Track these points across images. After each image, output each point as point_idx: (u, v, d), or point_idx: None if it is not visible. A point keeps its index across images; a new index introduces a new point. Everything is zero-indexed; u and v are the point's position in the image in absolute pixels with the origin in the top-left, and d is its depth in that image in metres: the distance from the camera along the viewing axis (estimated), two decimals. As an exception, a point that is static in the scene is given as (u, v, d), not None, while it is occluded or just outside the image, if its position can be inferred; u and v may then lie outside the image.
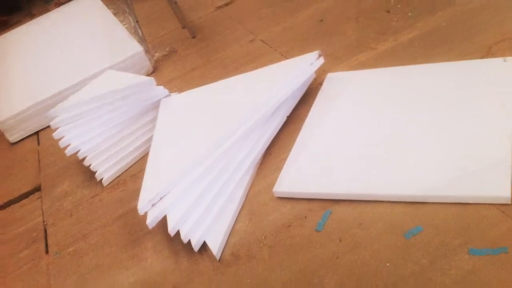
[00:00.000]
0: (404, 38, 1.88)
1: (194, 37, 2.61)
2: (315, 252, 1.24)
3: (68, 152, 1.80)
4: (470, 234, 1.12)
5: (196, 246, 1.37)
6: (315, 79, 1.85)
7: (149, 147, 1.72)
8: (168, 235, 1.39)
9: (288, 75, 1.71)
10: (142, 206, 1.41)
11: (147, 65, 2.45)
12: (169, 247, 1.44)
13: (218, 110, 1.73)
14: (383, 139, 1.44)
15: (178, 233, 1.38)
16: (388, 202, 1.27)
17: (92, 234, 1.63)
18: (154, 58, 2.53)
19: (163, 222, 1.40)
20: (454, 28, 1.82)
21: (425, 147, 1.35)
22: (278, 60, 1.98)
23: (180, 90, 2.03)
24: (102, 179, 1.82)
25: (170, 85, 2.21)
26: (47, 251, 1.66)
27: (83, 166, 1.84)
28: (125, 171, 1.85)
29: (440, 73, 1.60)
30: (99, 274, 1.47)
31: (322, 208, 1.34)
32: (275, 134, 1.67)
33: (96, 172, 1.81)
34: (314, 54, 1.80)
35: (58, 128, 1.83)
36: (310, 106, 1.71)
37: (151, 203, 1.41)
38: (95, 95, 1.85)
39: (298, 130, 1.63)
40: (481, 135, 1.31)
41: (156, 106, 1.91)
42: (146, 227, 1.39)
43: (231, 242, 1.37)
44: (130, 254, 1.49)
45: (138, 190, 1.49)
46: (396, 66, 1.73)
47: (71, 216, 1.75)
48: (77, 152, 1.80)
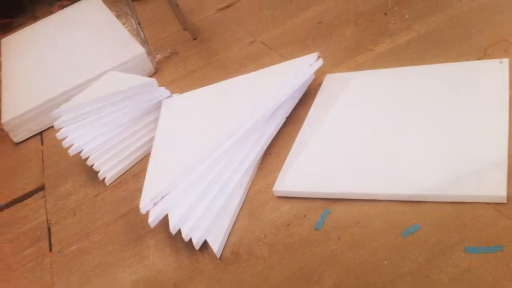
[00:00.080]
0: (401, 40, 1.88)
1: (195, 39, 2.61)
2: (314, 250, 1.24)
3: (71, 152, 1.80)
4: (466, 233, 1.12)
5: (197, 244, 1.37)
6: (314, 80, 1.85)
7: (151, 147, 1.72)
8: (169, 234, 1.39)
9: (287, 76, 1.71)
10: (144, 205, 1.41)
11: (149, 66, 2.45)
12: (170, 246, 1.44)
13: (219, 110, 1.73)
14: (381, 139, 1.44)
15: (179, 231, 1.38)
16: (386, 201, 1.27)
17: (95, 233, 1.63)
18: (156, 59, 2.53)
19: (165, 221, 1.40)
20: (451, 30, 1.82)
21: (422, 147, 1.36)
22: (278, 61, 1.98)
23: (181, 91, 2.03)
24: (104, 179, 1.82)
25: (172, 86, 2.21)
26: (51, 249, 1.66)
27: (86, 165, 1.84)
28: (127, 171, 1.85)
29: (437, 74, 1.60)
30: (102, 272, 1.47)
31: (321, 207, 1.34)
32: (275, 134, 1.67)
33: (99, 171, 1.81)
34: (313, 56, 1.80)
35: (61, 128, 1.83)
36: (309, 106, 1.71)
37: (153, 202, 1.41)
38: (98, 96, 1.85)
39: (297, 130, 1.63)
40: (477, 135, 1.32)
41: (157, 107, 1.91)
42: (148, 226, 1.40)
43: (232, 241, 1.37)
44: (132, 252, 1.49)
45: (140, 190, 1.49)
46: (393, 67, 1.73)
47: (74, 215, 1.76)
48: (80, 152, 1.80)
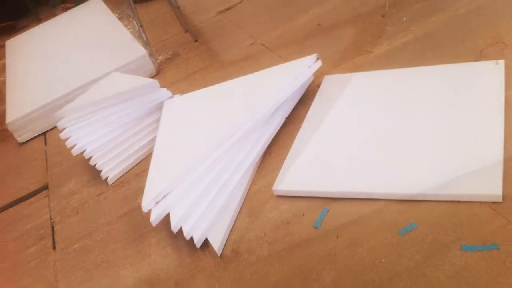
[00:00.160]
0: (399, 41, 1.88)
1: (196, 40, 2.61)
2: (313, 248, 1.24)
3: (74, 152, 1.80)
4: (463, 231, 1.12)
5: (198, 242, 1.37)
6: (313, 81, 1.85)
7: (152, 147, 1.72)
8: (171, 232, 1.39)
9: (287, 77, 1.71)
10: (146, 204, 1.41)
11: (151, 68, 2.45)
12: (172, 244, 1.44)
13: (220, 111, 1.73)
14: (379, 139, 1.44)
15: (180, 230, 1.38)
16: (383, 200, 1.27)
17: (97, 231, 1.63)
18: (158, 61, 2.53)
19: (166, 220, 1.40)
20: (447, 32, 1.82)
21: (419, 147, 1.36)
22: (277, 62, 1.98)
23: (182, 92, 2.03)
24: (107, 178, 1.82)
25: (173, 87, 2.21)
26: (54, 248, 1.66)
27: (89, 165, 1.84)
28: (129, 170, 1.85)
29: (433, 75, 1.60)
30: (105, 269, 1.47)
31: (320, 206, 1.34)
32: (275, 134, 1.66)
33: (101, 171, 1.81)
34: (312, 57, 1.80)
35: (65, 128, 1.83)
36: (309, 107, 1.71)
37: (155, 201, 1.41)
38: (101, 97, 1.85)
39: (296, 130, 1.63)
40: (473, 136, 1.31)
41: (159, 107, 1.91)
42: (150, 225, 1.40)
43: (232, 239, 1.37)
44: (135, 250, 1.49)
45: (142, 189, 1.49)
46: (391, 68, 1.73)
47: (78, 213, 1.76)
48: (83, 151, 1.80)
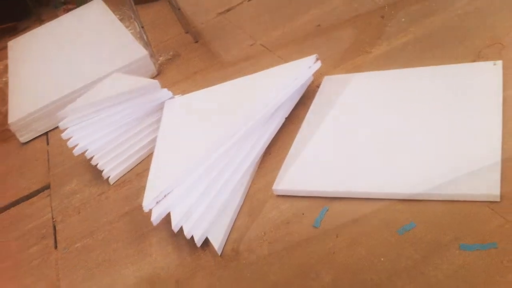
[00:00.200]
0: (398, 42, 1.88)
1: (196, 41, 2.61)
2: (313, 247, 1.24)
3: (76, 151, 1.80)
4: (461, 230, 1.12)
5: (198, 242, 1.37)
6: (313, 82, 1.85)
7: (153, 147, 1.72)
8: (172, 232, 1.39)
9: (287, 78, 1.71)
10: (147, 203, 1.41)
11: (152, 68, 2.45)
12: (173, 243, 1.44)
13: (220, 111, 1.73)
14: (378, 139, 1.44)
15: (181, 229, 1.38)
16: (382, 199, 1.27)
17: (99, 231, 1.63)
18: (159, 62, 2.53)
19: (167, 219, 1.40)
20: (446, 33, 1.82)
21: (418, 147, 1.35)
22: (277, 63, 1.98)
23: (183, 92, 2.03)
24: (108, 178, 1.82)
25: (174, 87, 2.21)
26: (56, 247, 1.66)
27: (91, 165, 1.84)
28: (130, 170, 1.85)
29: (432, 76, 1.60)
30: (106, 268, 1.48)
31: (320, 205, 1.34)
32: (275, 134, 1.66)
33: (103, 171, 1.81)
34: (312, 58, 1.80)
35: (66, 128, 1.83)
36: (308, 107, 1.71)
37: (156, 201, 1.41)
38: (102, 97, 1.85)
39: (296, 131, 1.63)
40: (472, 136, 1.31)
41: (160, 107, 1.91)
42: (151, 224, 1.40)
43: (232, 238, 1.37)
44: (136, 249, 1.49)
45: (143, 188, 1.49)
46: (390, 69, 1.73)
47: (79, 213, 1.76)
48: (84, 151, 1.80)
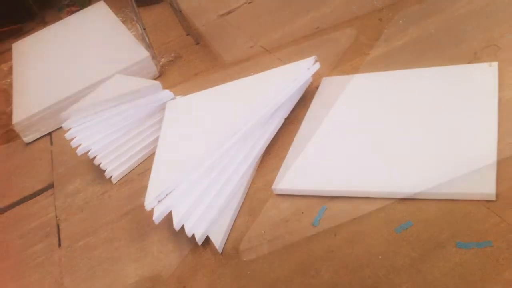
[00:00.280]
0: (395, 44, 1.88)
1: (197, 43, 2.61)
2: (312, 246, 1.25)
3: (79, 151, 1.80)
4: (457, 229, 1.13)
5: (199, 240, 1.38)
6: (312, 83, 1.85)
7: (155, 147, 1.73)
8: (173, 230, 1.40)
9: (286, 79, 1.72)
10: (148, 202, 1.41)
11: (154, 70, 2.45)
12: (174, 241, 1.45)
13: (220, 112, 1.73)
14: (376, 139, 1.44)
15: (182, 228, 1.39)
16: (380, 198, 1.28)
17: (102, 229, 1.63)
18: (160, 63, 2.54)
19: (169, 218, 1.40)
20: (442, 34, 1.82)
21: (415, 147, 1.36)
22: (277, 65, 1.98)
23: (184, 93, 2.03)
24: (111, 177, 1.82)
25: (175, 88, 2.22)
26: (60, 245, 1.66)
27: (93, 165, 1.84)
28: (133, 170, 1.86)
29: (429, 77, 1.60)
30: (109, 266, 1.48)
31: (319, 204, 1.34)
32: (274, 134, 1.67)
33: (105, 170, 1.82)
34: (310, 59, 1.80)
35: (70, 129, 1.84)
36: (307, 108, 1.71)
37: (157, 200, 1.41)
38: (105, 98, 1.86)
39: (295, 131, 1.63)
40: (468, 136, 1.32)
41: (162, 108, 1.91)
42: (152, 222, 1.40)
43: (233, 237, 1.38)
44: (138, 248, 1.49)
45: (145, 188, 1.50)
46: (388, 70, 1.74)
47: (82, 211, 1.76)
48: (87, 151, 1.81)
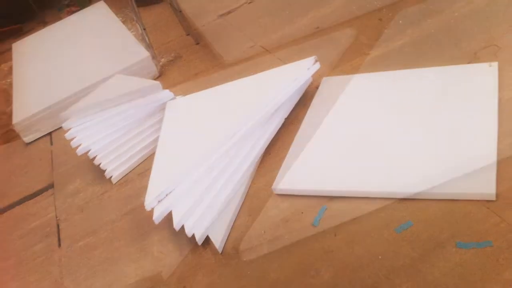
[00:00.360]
0: (395, 44, 1.88)
1: (197, 43, 2.61)
2: (312, 246, 1.24)
3: (79, 151, 1.80)
4: (457, 229, 1.12)
5: (199, 240, 1.37)
6: (312, 83, 1.85)
7: (155, 147, 1.72)
8: (173, 230, 1.39)
9: (286, 79, 1.71)
10: (148, 202, 1.41)
11: (154, 70, 2.45)
12: (174, 241, 1.44)
13: (220, 112, 1.73)
14: (376, 139, 1.44)
15: (182, 227, 1.38)
16: (380, 198, 1.27)
17: (102, 229, 1.63)
18: (160, 63, 2.53)
19: (169, 218, 1.40)
20: (442, 35, 1.82)
21: (415, 147, 1.35)
22: (277, 65, 1.98)
23: (184, 93, 2.02)
24: (111, 177, 1.81)
25: (175, 88, 2.21)
26: (60, 245, 1.66)
27: (93, 165, 1.84)
28: (132, 170, 1.85)
29: (429, 77, 1.60)
30: (108, 266, 1.47)
31: (319, 204, 1.34)
32: (274, 134, 1.66)
33: (105, 170, 1.81)
34: (310, 60, 1.80)
35: (70, 129, 1.83)
36: (307, 108, 1.71)
37: (157, 200, 1.41)
38: (105, 98, 1.85)
39: (296, 131, 1.62)
40: (468, 136, 1.31)
41: (162, 108, 1.91)
42: (152, 222, 1.40)
43: (233, 237, 1.37)
44: (138, 248, 1.49)
45: (145, 188, 1.49)
46: (388, 70, 1.73)
47: (82, 212, 1.75)
48: (87, 151, 1.80)
